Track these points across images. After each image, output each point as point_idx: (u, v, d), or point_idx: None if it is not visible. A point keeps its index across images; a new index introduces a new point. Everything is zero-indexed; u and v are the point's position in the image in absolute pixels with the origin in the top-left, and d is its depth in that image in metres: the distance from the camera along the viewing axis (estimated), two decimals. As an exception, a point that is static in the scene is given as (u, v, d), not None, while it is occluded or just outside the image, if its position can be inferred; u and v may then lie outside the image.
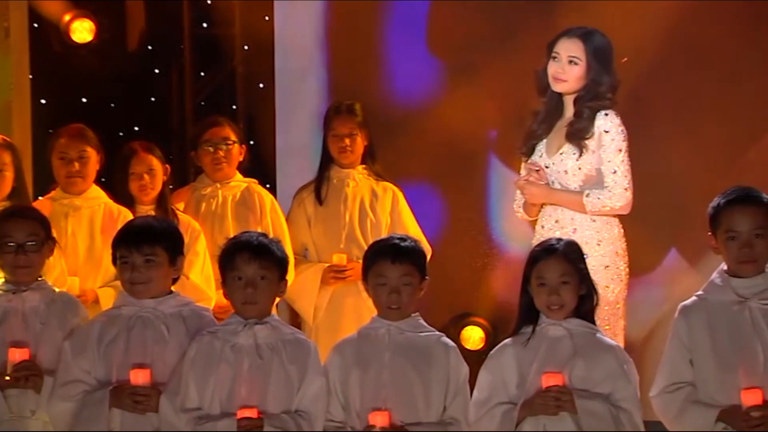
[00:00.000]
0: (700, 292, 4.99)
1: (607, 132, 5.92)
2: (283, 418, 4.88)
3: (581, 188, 5.93)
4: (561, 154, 5.95)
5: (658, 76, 7.24)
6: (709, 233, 4.98)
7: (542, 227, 5.98)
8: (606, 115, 5.92)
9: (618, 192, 5.91)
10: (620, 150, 5.93)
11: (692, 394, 4.91)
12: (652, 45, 7.35)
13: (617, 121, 5.93)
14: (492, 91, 7.29)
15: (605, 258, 5.92)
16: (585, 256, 4.96)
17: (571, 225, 5.93)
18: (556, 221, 5.95)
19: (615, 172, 5.92)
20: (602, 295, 5.77)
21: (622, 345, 5.82)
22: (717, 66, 7.49)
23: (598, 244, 5.93)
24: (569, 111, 6.01)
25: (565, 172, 5.95)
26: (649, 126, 6.22)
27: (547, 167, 5.96)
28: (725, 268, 4.95)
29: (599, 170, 5.93)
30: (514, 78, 6.14)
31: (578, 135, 5.91)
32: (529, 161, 5.98)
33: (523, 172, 6.06)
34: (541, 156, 5.99)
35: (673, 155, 6.34)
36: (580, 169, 5.94)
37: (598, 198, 5.91)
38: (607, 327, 5.84)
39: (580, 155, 5.93)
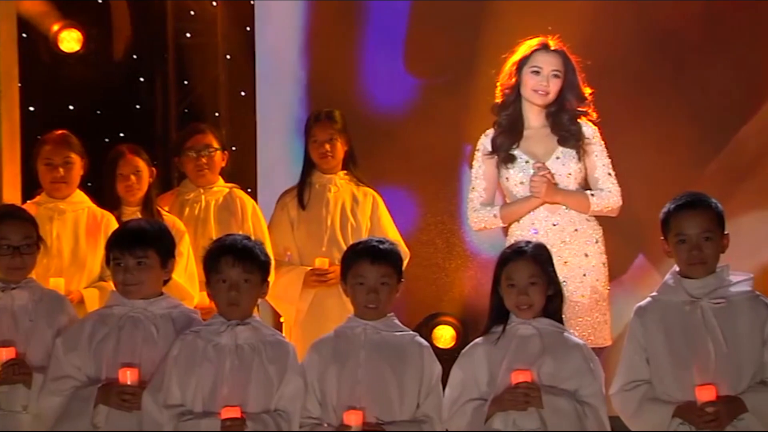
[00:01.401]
0: (654, 293, 5.05)
1: (595, 138, 6.09)
2: (264, 419, 4.93)
3: (577, 190, 6.06)
4: (558, 158, 6.05)
5: (623, 83, 7.30)
6: (662, 238, 5.04)
7: (519, 233, 6.05)
8: (586, 122, 6.07)
9: (616, 192, 6.08)
10: (608, 155, 6.09)
11: (649, 391, 4.96)
12: (621, 51, 7.39)
13: (595, 127, 6.08)
14: (466, 106, 7.36)
15: (602, 255, 6.06)
16: (583, 256, 4.97)
17: (572, 226, 6.03)
18: (554, 224, 6.03)
19: (610, 174, 6.09)
20: (600, 290, 5.99)
21: (609, 337, 5.94)
22: (684, 73, 7.53)
23: (596, 243, 6.06)
24: (536, 119, 6.10)
25: (569, 174, 6.05)
26: (614, 132, 6.31)
27: None
28: (677, 269, 5.01)
29: (585, 174, 6.08)
30: (489, 93, 6.22)
31: (575, 138, 6.02)
32: (536, 163, 6.01)
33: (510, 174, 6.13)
34: (527, 162, 6.06)
35: (638, 161, 6.40)
36: (580, 171, 6.08)
37: (602, 198, 6.05)
38: (603, 320, 5.98)
39: (579, 159, 6.05)
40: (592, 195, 6.06)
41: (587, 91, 6.12)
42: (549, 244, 5.61)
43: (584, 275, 6.01)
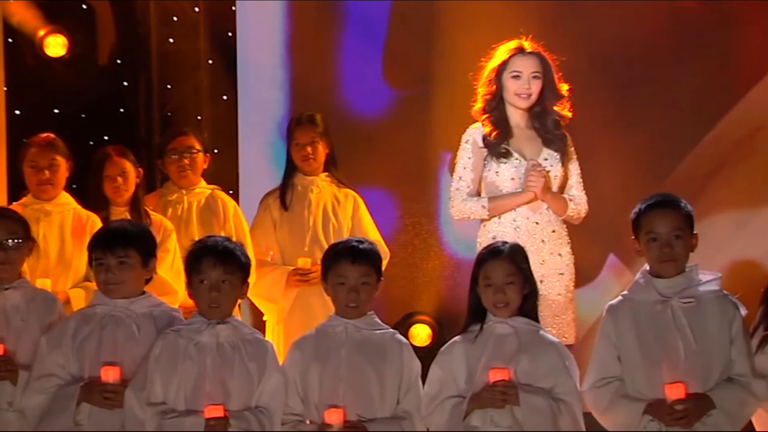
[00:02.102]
0: (625, 292, 5.06)
1: (572, 149, 6.10)
2: (247, 416, 4.91)
3: (558, 191, 6.06)
4: (546, 159, 6.05)
5: (594, 90, 7.31)
6: (633, 237, 5.05)
7: (494, 238, 6.00)
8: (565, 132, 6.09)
9: (585, 202, 6.10)
10: (578, 165, 6.12)
11: (620, 388, 4.97)
12: (588, 54, 7.38)
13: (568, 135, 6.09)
14: (444, 111, 7.35)
15: (572, 256, 6.07)
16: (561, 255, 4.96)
17: (550, 226, 6.03)
18: (536, 223, 6.01)
19: (580, 182, 6.11)
20: (572, 289, 6.03)
21: (574, 333, 5.95)
22: (653, 81, 7.54)
23: (568, 244, 6.07)
24: (521, 120, 6.09)
25: (555, 177, 6.05)
26: (586, 136, 6.30)
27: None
28: (647, 268, 5.02)
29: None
30: (467, 99, 6.23)
31: (562, 142, 6.03)
32: (532, 160, 5.99)
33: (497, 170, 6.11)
34: (518, 159, 6.05)
35: (609, 164, 6.40)
36: (562, 176, 6.08)
37: (576, 205, 6.07)
38: (573, 317, 6.00)
39: (562, 163, 6.06)
40: (570, 200, 6.07)
41: (564, 87, 6.11)
42: (529, 242, 5.64)
43: (561, 274, 6.03)
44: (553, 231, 6.03)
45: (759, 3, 7.44)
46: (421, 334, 7.67)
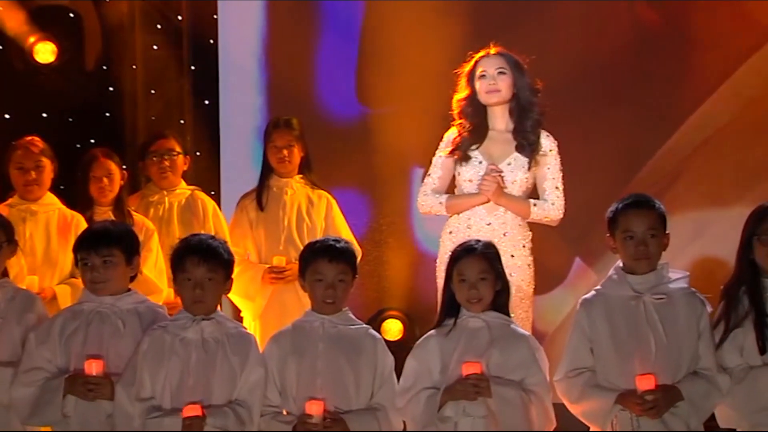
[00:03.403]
0: (598, 287, 5.03)
1: (551, 151, 6.00)
2: (225, 412, 4.85)
3: (520, 196, 5.97)
4: (509, 164, 5.97)
5: (562, 101, 7.28)
6: (608, 235, 5.03)
7: (450, 233, 5.97)
8: (548, 135, 6.01)
9: (559, 206, 6.00)
10: (561, 169, 6.03)
11: (592, 378, 4.93)
12: (562, 74, 7.36)
13: (556, 141, 6.02)
14: (411, 129, 7.32)
15: (528, 258, 5.99)
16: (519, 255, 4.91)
17: (502, 229, 5.95)
18: (488, 224, 5.94)
19: (557, 188, 6.01)
20: (525, 289, 5.94)
21: (530, 330, 5.87)
22: (618, 91, 7.57)
23: (524, 247, 5.98)
24: (500, 123, 6.03)
25: (513, 182, 5.96)
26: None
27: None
28: (621, 265, 5.00)
29: (534, 184, 6.00)
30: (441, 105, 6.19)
31: (531, 148, 5.96)
32: (490, 165, 5.93)
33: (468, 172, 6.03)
34: (480, 163, 5.99)
35: (570, 166, 6.33)
36: (526, 180, 5.98)
37: (543, 209, 5.98)
38: (525, 316, 5.92)
39: (529, 168, 5.96)
40: (534, 205, 6.00)
41: (538, 83, 6.06)
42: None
43: (511, 275, 5.90)
44: (505, 234, 5.94)
45: (712, 22, 7.48)
46: (393, 329, 7.63)
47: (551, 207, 5.99)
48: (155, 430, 4.80)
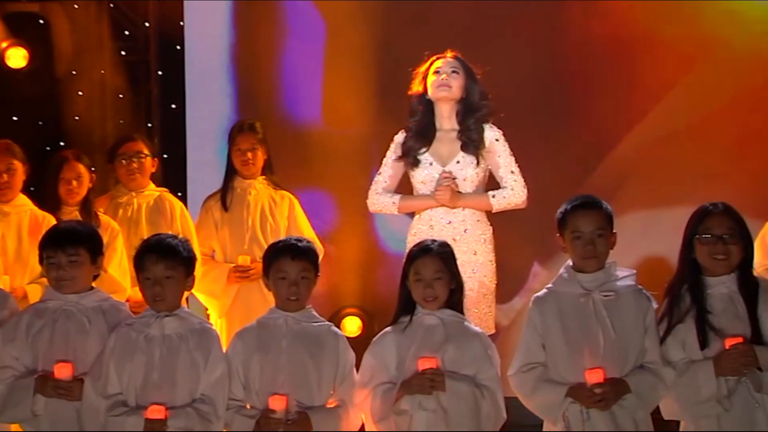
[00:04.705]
0: (549, 285, 5.02)
1: (497, 140, 6.00)
2: (188, 413, 4.82)
3: (475, 191, 5.98)
4: (458, 162, 5.97)
5: (520, 108, 7.32)
6: (558, 235, 5.03)
7: (414, 235, 5.97)
8: (491, 126, 6.01)
9: (519, 189, 6.01)
10: (511, 154, 6.03)
11: (544, 373, 4.92)
12: (516, 65, 7.43)
13: (500, 130, 6.02)
14: (372, 131, 7.32)
15: (491, 254, 5.99)
16: (479, 254, 4.88)
17: (462, 226, 5.96)
18: (449, 222, 5.95)
19: (513, 172, 6.02)
20: (487, 284, 5.95)
21: (493, 325, 5.89)
22: (564, 94, 7.60)
23: (484, 243, 5.98)
24: (447, 123, 6.03)
25: (464, 179, 5.97)
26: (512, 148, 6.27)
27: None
28: (571, 264, 5.00)
29: (486, 175, 6.01)
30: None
31: (475, 145, 5.95)
32: (443, 171, 5.94)
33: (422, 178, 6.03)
34: (431, 164, 5.99)
35: (526, 171, 6.36)
36: (477, 175, 5.98)
37: (504, 197, 5.99)
38: (488, 311, 5.92)
39: (478, 164, 5.95)
40: (493, 196, 5.99)
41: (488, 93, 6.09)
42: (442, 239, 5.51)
43: (473, 271, 5.95)
44: (465, 230, 5.95)
45: (653, 35, 7.53)
46: (352, 325, 7.61)
47: (511, 192, 5.99)
48: (118, 430, 4.77)
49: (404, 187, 6.17)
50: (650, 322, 4.92)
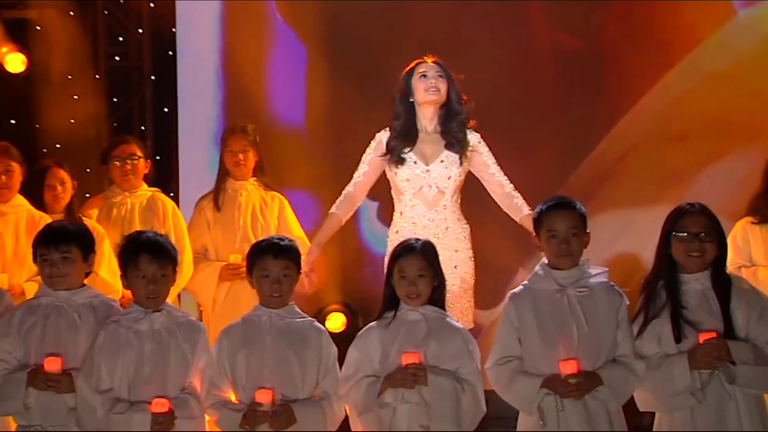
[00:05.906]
0: (525, 282, 5.03)
1: (480, 143, 6.02)
2: (185, 399, 4.81)
3: (455, 191, 5.95)
4: (441, 161, 5.96)
5: (501, 111, 7.34)
6: (534, 234, 5.05)
7: (396, 232, 5.96)
8: (470, 131, 6.01)
9: (508, 181, 6.03)
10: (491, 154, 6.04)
11: (520, 365, 4.92)
12: (495, 68, 7.44)
13: (478, 134, 6.03)
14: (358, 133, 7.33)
15: (469, 251, 5.99)
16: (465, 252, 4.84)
17: (444, 224, 5.95)
18: (431, 220, 5.94)
19: (499, 169, 6.03)
20: (468, 280, 5.95)
21: (473, 320, 5.90)
22: (551, 101, 7.62)
23: (464, 240, 5.98)
24: (429, 125, 6.02)
25: (449, 177, 5.95)
26: (493, 150, 6.27)
27: (428, 171, 5.95)
28: (546, 261, 5.01)
29: (464, 178, 6.00)
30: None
31: (460, 145, 5.95)
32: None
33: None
34: (415, 162, 5.97)
35: (508, 167, 6.37)
36: (459, 175, 5.98)
37: (518, 196, 5.99)
38: (468, 306, 5.92)
39: (461, 164, 5.96)
40: (521, 205, 5.95)
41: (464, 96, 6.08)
42: (424, 237, 5.50)
43: (455, 267, 5.94)
44: (447, 228, 5.94)
45: (625, 42, 7.57)
46: (336, 321, 7.61)
47: (516, 192, 5.99)
48: (124, 429, 4.75)
49: (382, 186, 6.14)
50: (622, 317, 4.94)
